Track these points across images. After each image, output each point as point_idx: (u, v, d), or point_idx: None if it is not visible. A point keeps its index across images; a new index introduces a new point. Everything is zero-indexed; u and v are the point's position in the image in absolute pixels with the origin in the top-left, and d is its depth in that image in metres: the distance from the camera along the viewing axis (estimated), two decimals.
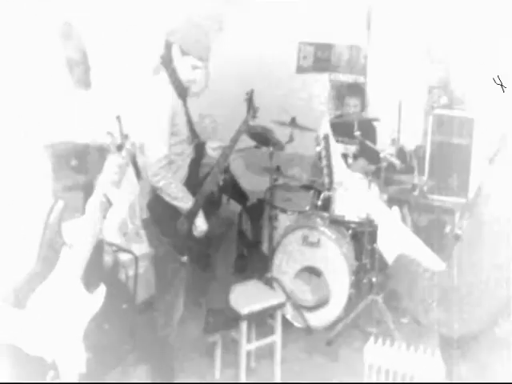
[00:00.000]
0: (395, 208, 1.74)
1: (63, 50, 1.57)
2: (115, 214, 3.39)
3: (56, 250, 1.66)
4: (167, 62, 2.97)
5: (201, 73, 3.04)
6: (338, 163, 1.72)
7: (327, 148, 1.71)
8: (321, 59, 5.56)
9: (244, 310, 3.14)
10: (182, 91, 3.03)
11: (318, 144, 1.72)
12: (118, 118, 4.13)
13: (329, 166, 1.72)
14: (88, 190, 2.76)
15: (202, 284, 3.29)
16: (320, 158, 1.71)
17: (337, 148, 1.73)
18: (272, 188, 4.41)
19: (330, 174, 1.71)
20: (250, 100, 3.35)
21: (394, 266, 1.66)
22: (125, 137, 4.13)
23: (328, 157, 1.73)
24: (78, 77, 1.56)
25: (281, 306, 3.36)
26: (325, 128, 1.73)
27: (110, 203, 1.78)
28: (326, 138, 1.72)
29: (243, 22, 5.49)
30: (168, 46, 2.97)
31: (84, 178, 2.96)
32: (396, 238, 1.69)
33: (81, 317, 1.72)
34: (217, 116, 4.90)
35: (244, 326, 3.15)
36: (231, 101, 4.12)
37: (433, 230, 4.52)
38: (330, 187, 1.76)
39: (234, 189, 4.82)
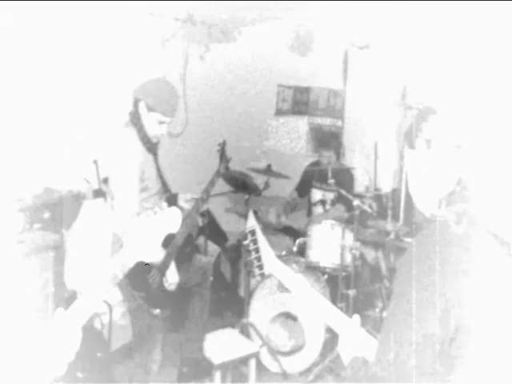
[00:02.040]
0: (356, 316, 1.78)
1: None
2: (90, 263, 3.41)
3: None
4: (135, 118, 3.03)
5: (166, 127, 3.10)
6: (267, 255, 1.76)
7: (255, 241, 1.76)
8: (299, 102, 5.69)
9: (217, 360, 3.17)
10: (152, 146, 3.09)
11: (245, 238, 1.78)
12: (96, 162, 4.19)
13: (258, 258, 1.77)
14: (59, 250, 2.79)
15: (176, 335, 3.31)
16: (248, 251, 1.76)
17: (264, 240, 1.78)
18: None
19: (261, 266, 1.76)
20: (222, 151, 3.42)
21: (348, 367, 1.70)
22: (103, 181, 4.18)
23: (256, 249, 1.78)
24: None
25: (254, 355, 3.38)
26: (251, 221, 1.78)
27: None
28: (252, 232, 1.77)
29: (223, 65, 5.61)
30: (136, 103, 3.04)
31: (55, 235, 2.96)
32: (353, 344, 1.72)
33: None
34: (191, 164, 4.95)
35: (217, 375, 3.18)
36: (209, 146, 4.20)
37: None
38: (262, 278, 1.84)
39: (213, 229, 4.86)
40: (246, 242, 1.79)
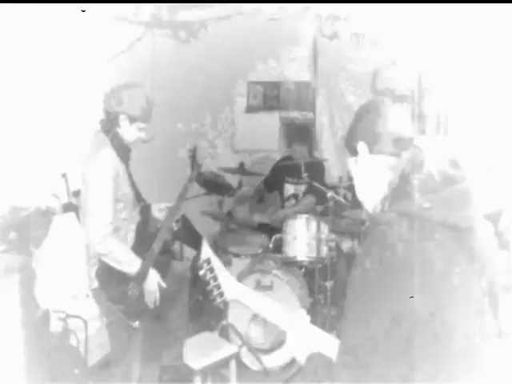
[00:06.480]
0: (302, 311, 1.79)
1: None
2: (64, 279, 3.41)
3: None
4: (108, 127, 3.01)
5: (144, 133, 3.10)
6: (227, 281, 1.78)
7: (211, 270, 1.77)
8: (270, 97, 5.67)
9: (197, 365, 3.18)
10: (125, 155, 3.07)
11: (201, 267, 1.77)
12: (65, 175, 4.18)
13: (218, 286, 1.79)
14: (25, 271, 2.78)
15: (155, 344, 3.32)
16: (206, 282, 1.77)
17: (221, 267, 1.79)
18: (223, 233, 4.48)
19: (222, 294, 1.78)
20: (193, 157, 3.41)
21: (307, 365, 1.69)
22: (73, 194, 4.17)
23: (215, 278, 1.79)
24: None
25: (234, 356, 3.40)
26: (206, 250, 1.78)
27: None
28: (207, 261, 1.78)
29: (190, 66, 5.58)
30: (110, 114, 3.01)
31: (21, 257, 2.95)
32: (305, 340, 1.72)
33: None
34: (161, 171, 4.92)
35: (198, 380, 3.19)
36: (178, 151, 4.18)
37: None
38: (224, 305, 1.87)
39: (188, 233, 4.84)
40: (201, 273, 1.78)
